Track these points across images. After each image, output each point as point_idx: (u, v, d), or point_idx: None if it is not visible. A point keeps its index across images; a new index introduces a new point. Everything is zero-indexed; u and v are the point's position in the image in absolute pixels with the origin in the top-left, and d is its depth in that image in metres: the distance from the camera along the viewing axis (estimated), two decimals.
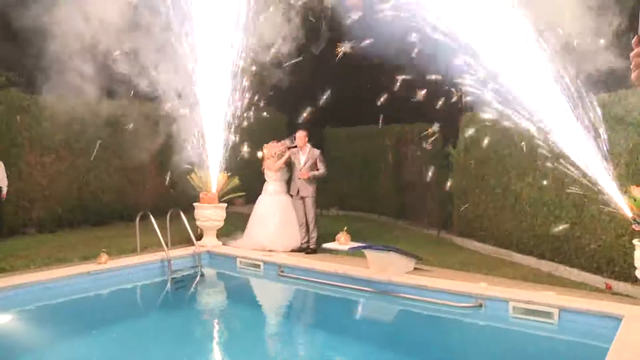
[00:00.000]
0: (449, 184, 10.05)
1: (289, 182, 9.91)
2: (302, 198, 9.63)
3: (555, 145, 6.58)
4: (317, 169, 9.57)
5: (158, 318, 7.28)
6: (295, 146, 9.68)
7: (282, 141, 9.87)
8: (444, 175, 10.59)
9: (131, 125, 9.66)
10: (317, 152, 9.66)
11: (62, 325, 6.60)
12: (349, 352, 5.96)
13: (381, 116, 10.59)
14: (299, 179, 9.57)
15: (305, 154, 9.62)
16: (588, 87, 6.49)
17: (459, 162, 10.28)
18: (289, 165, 9.87)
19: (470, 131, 9.39)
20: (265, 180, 10.01)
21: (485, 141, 8.77)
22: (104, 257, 8.04)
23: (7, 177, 10.07)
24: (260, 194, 10.08)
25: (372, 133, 13.37)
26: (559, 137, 6.48)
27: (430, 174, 10.02)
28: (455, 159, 10.40)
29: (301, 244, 9.66)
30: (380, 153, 13.35)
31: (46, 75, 9.03)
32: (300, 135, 9.66)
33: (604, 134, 6.26)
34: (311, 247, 9.51)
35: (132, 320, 7.01)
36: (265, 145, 9.92)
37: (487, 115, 7.24)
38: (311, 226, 9.62)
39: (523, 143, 7.42)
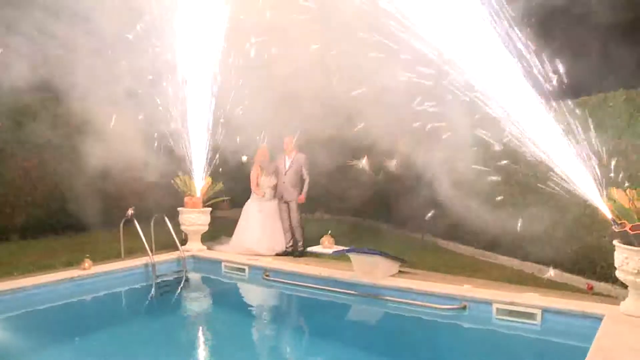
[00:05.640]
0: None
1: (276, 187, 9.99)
2: (287, 202, 9.68)
3: (536, 147, 6.64)
4: (301, 174, 9.63)
5: (143, 323, 7.26)
6: None
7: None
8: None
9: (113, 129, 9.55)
10: (302, 156, 9.71)
11: (46, 331, 6.55)
12: (334, 354, 5.99)
13: None
14: (284, 182, 9.63)
15: (290, 159, 9.67)
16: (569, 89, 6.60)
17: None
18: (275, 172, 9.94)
19: None
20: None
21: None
22: (87, 262, 7.99)
23: None
24: (244, 198, 10.11)
25: None
26: (539, 139, 6.55)
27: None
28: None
29: (286, 247, 9.69)
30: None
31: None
32: (287, 140, 9.73)
33: (584, 136, 6.36)
34: (299, 249, 9.55)
35: (117, 325, 6.98)
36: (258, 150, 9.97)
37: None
38: (297, 229, 9.66)
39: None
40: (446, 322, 6.74)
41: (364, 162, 9.77)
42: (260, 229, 9.71)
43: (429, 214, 8.99)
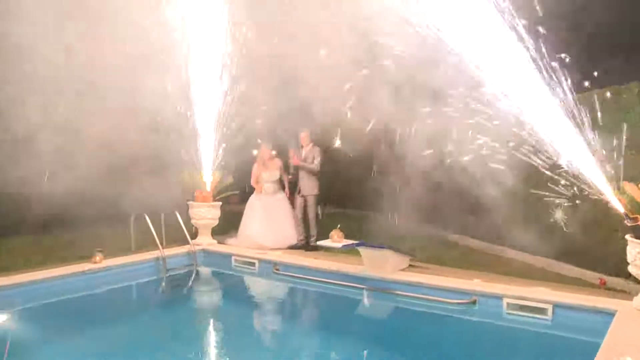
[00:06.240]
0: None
1: (281, 181, 10.11)
2: (304, 196, 9.71)
3: (547, 141, 6.58)
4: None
5: (153, 316, 7.28)
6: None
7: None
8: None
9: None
10: (316, 149, 9.77)
11: (58, 324, 6.58)
12: (343, 348, 5.95)
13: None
14: (302, 178, 9.73)
15: (306, 153, 9.72)
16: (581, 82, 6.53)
17: None
18: (287, 168, 10.06)
19: None
20: None
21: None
22: (98, 256, 8.04)
23: None
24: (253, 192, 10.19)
25: None
26: (551, 133, 6.48)
27: None
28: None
29: (298, 240, 9.73)
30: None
31: None
32: (303, 135, 9.80)
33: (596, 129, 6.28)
34: (311, 244, 9.57)
35: (127, 319, 7.02)
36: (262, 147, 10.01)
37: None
38: (312, 224, 9.71)
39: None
40: (456, 317, 6.71)
41: None
42: (264, 224, 9.78)
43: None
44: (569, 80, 6.29)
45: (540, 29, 6.40)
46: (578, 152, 6.19)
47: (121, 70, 8.77)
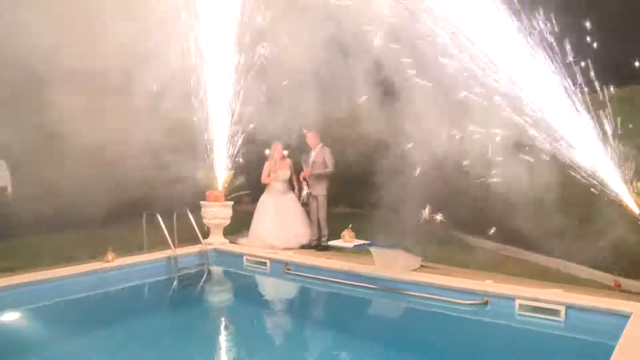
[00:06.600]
0: None
1: (290, 181, 10.14)
2: (314, 197, 9.71)
3: (563, 140, 6.52)
4: (326, 167, 9.61)
5: (165, 315, 7.33)
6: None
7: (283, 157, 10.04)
8: None
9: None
10: (326, 150, 9.72)
11: (70, 323, 6.64)
12: (355, 349, 5.95)
13: None
14: (305, 177, 9.74)
15: (315, 153, 9.69)
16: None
17: None
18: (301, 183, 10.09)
19: None
20: None
21: None
22: (110, 255, 8.08)
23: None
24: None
25: None
26: (566, 133, 6.42)
27: None
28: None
29: (310, 241, 9.74)
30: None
31: None
32: (309, 136, 9.76)
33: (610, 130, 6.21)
34: (323, 244, 9.55)
35: (140, 317, 7.06)
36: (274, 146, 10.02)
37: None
38: (323, 224, 9.68)
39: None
40: (468, 318, 6.65)
41: None
42: (276, 223, 9.79)
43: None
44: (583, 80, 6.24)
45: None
46: (594, 152, 6.13)
47: (129, 69, 8.84)
